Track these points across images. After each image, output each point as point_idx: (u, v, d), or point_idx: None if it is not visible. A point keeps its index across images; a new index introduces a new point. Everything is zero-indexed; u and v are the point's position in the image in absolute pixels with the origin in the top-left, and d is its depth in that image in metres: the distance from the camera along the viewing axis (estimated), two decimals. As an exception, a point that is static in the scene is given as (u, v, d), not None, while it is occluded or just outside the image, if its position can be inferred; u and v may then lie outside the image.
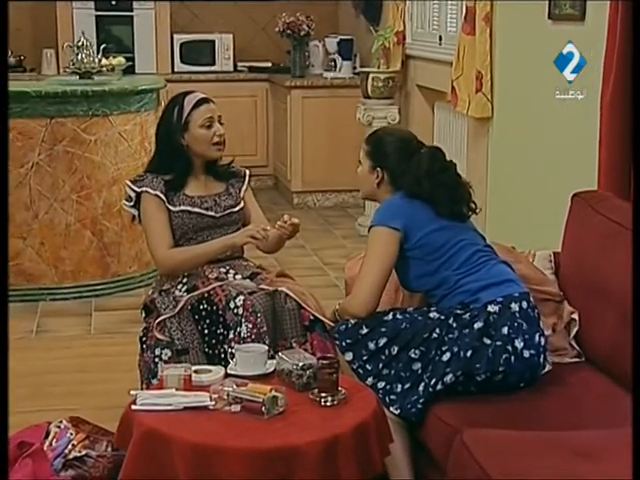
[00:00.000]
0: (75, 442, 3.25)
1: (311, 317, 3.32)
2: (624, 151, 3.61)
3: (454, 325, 2.99)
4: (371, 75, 6.70)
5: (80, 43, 5.50)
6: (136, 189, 3.55)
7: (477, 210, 3.26)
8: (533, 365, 2.99)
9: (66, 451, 3.22)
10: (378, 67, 6.85)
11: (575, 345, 3.25)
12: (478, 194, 5.51)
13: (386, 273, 3.12)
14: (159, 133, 3.65)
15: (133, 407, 2.65)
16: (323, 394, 2.66)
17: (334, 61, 7.89)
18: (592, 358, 3.21)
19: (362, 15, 7.89)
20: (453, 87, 5.58)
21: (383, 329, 3.05)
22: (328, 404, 2.65)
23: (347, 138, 7.35)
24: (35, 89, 5.25)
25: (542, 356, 3.02)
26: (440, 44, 6.35)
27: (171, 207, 3.54)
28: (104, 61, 5.65)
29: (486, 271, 3.08)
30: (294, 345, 3.29)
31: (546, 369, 3.13)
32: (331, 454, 2.46)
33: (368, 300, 3.10)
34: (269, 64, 8.53)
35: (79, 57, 5.47)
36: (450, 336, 2.97)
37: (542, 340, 3.03)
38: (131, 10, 8.08)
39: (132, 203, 3.60)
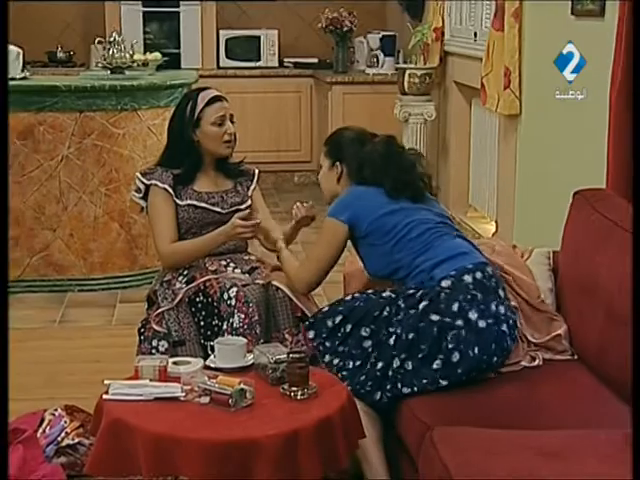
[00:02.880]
0: (69, 430, 3.30)
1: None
2: (631, 149, 3.54)
3: (402, 306, 2.99)
4: (408, 71, 6.67)
5: (112, 39, 5.57)
6: (145, 182, 3.61)
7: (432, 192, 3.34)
8: (495, 335, 2.92)
9: (59, 439, 3.27)
10: (415, 63, 6.81)
11: (566, 343, 3.21)
12: (507, 190, 5.51)
13: (331, 260, 3.27)
14: (171, 127, 3.69)
15: (104, 397, 2.69)
16: (293, 388, 2.67)
17: (376, 57, 7.86)
18: (582, 356, 3.16)
19: (406, 12, 7.85)
20: (483, 84, 5.53)
21: (340, 307, 3.10)
22: (298, 398, 2.65)
23: (387, 135, 7.31)
24: (65, 83, 5.32)
25: (505, 325, 2.95)
26: (475, 40, 6.28)
27: (178, 201, 3.58)
28: (137, 56, 5.71)
29: (437, 247, 3.07)
30: (287, 336, 3.33)
31: (536, 362, 3.09)
32: (291, 447, 2.45)
33: (312, 282, 3.32)
34: (315, 60, 8.54)
35: (110, 52, 5.54)
36: (398, 317, 2.97)
37: (502, 309, 2.97)
38: (178, 6, 8.18)
39: (141, 195, 3.66)
